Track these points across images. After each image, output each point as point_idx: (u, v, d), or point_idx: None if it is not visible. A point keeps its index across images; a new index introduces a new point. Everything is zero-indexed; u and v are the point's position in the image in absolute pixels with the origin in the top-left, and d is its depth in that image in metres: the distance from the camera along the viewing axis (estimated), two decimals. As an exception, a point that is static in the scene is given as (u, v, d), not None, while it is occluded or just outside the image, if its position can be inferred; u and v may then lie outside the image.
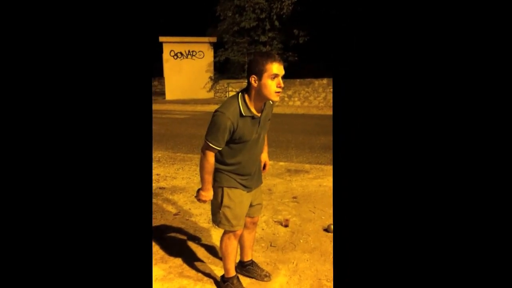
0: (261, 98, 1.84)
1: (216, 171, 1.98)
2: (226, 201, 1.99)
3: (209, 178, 1.94)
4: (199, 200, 2.01)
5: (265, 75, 1.76)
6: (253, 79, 1.80)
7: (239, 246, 2.31)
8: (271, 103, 1.99)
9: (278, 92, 1.80)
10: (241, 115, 1.83)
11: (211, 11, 17.30)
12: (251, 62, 1.83)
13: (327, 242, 2.78)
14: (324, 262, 2.49)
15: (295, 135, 7.48)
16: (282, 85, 1.80)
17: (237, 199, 2.00)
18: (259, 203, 2.19)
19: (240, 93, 1.88)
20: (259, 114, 1.90)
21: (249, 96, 1.85)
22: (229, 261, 2.14)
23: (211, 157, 1.90)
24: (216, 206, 2.02)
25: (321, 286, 2.22)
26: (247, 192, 2.05)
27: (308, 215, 3.34)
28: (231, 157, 1.95)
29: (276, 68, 1.77)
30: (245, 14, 15.98)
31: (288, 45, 16.12)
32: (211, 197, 2.00)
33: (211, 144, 1.85)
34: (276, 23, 15.80)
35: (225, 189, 1.98)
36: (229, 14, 16.42)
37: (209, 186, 1.97)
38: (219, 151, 1.91)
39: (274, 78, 1.77)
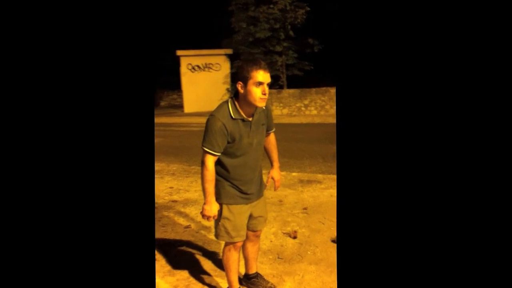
0: (248, 104, 1.90)
1: (216, 185, 2.01)
2: (225, 213, 2.02)
3: (210, 188, 1.93)
4: (203, 216, 1.98)
5: (250, 82, 1.84)
6: (239, 85, 1.88)
7: (243, 259, 2.33)
8: (263, 108, 2.03)
9: (263, 98, 1.85)
10: (231, 117, 1.90)
11: (226, 23, 17.50)
12: (238, 68, 1.92)
13: (334, 253, 2.76)
14: (330, 274, 2.48)
15: (309, 144, 7.46)
16: (267, 92, 1.85)
17: (236, 211, 2.03)
18: (261, 215, 2.19)
19: (230, 98, 1.95)
20: (250, 119, 1.95)
21: (238, 101, 1.93)
22: (232, 274, 2.16)
23: (210, 163, 1.91)
24: (216, 219, 2.06)
25: (325, 298, 2.21)
26: (247, 204, 2.07)
27: (318, 226, 3.33)
28: (227, 164, 1.98)
29: (261, 76, 1.83)
30: (259, 25, 16.10)
31: (304, 54, 16.13)
32: (216, 212, 1.97)
33: (207, 149, 1.89)
34: (291, 33, 15.84)
35: (224, 204, 2.02)
36: (244, 26, 16.57)
37: (211, 198, 1.95)
38: (217, 160, 1.94)
39: (259, 85, 1.84)
